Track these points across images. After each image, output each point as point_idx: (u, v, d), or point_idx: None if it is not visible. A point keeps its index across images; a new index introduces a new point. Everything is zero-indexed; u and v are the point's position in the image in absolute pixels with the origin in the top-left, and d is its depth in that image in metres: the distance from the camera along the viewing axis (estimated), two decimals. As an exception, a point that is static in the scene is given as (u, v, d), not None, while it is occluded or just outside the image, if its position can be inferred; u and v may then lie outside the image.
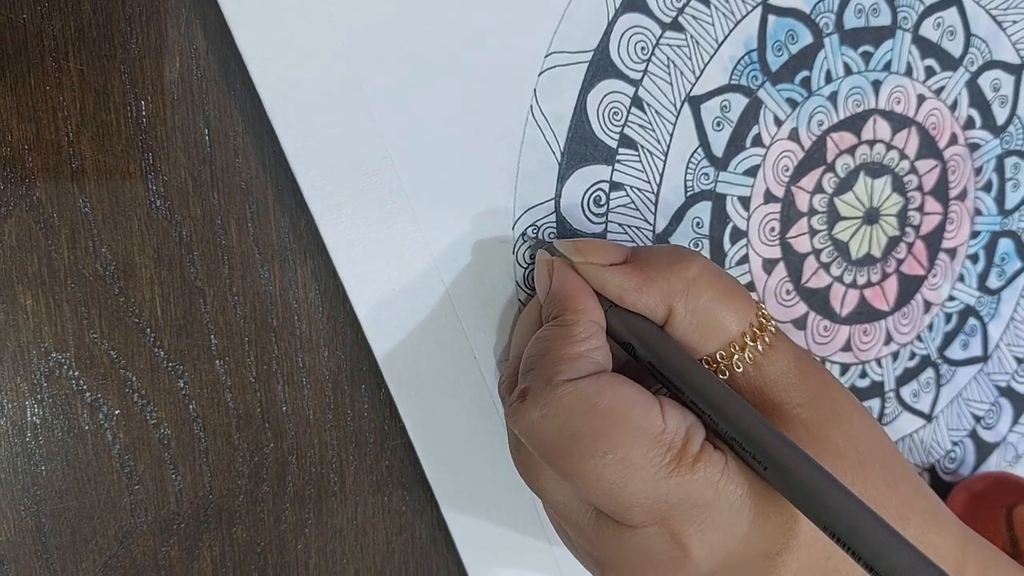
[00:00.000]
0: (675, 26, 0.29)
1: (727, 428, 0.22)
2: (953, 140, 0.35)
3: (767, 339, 0.24)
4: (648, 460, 0.21)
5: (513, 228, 0.28)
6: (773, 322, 0.25)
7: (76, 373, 0.24)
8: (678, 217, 0.30)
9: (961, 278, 0.37)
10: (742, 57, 0.30)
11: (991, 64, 0.35)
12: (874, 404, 0.36)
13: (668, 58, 0.29)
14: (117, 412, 0.25)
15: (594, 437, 0.21)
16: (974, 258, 0.37)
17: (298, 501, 0.28)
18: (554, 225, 0.28)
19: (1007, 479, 0.37)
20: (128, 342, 0.25)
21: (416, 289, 0.27)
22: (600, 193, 0.29)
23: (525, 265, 0.28)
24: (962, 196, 0.36)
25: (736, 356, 0.24)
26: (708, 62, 0.30)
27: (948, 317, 0.37)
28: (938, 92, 0.34)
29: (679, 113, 0.30)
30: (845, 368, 0.35)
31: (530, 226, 0.28)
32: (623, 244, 0.26)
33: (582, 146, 0.28)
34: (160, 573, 0.26)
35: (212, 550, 0.27)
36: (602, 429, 0.21)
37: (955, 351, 0.38)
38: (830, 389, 0.25)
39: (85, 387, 0.25)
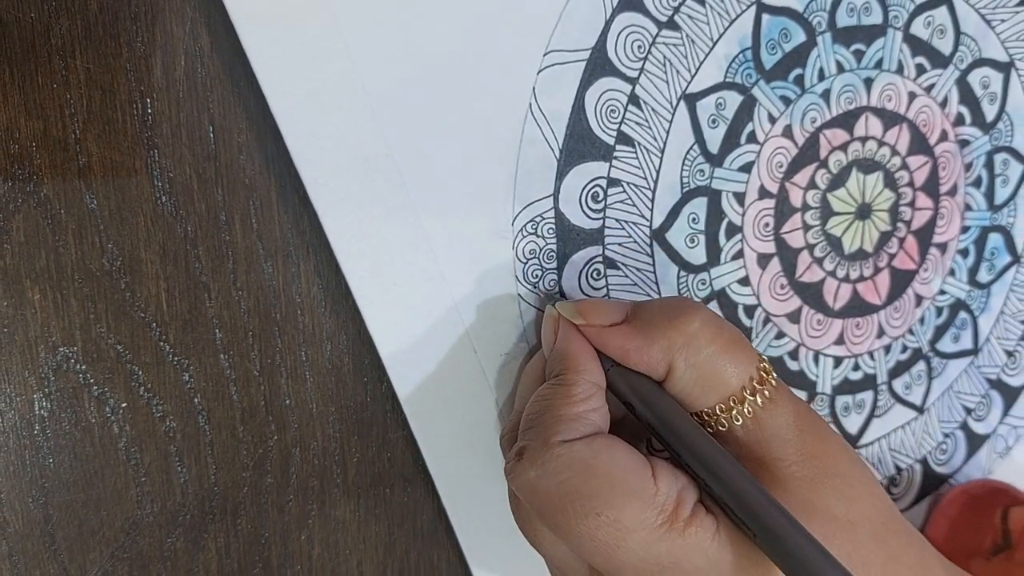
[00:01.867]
0: (671, 25, 0.29)
1: (720, 492, 0.23)
2: (943, 137, 0.36)
3: (767, 393, 0.24)
4: (640, 522, 0.22)
5: (513, 224, 0.28)
6: (774, 375, 0.25)
7: (83, 367, 0.25)
8: (674, 213, 0.31)
9: (952, 272, 0.38)
10: (737, 55, 0.31)
11: (980, 62, 0.36)
12: (867, 397, 0.37)
13: (664, 56, 0.29)
14: (124, 405, 0.25)
15: (588, 498, 0.22)
16: (964, 253, 0.38)
17: (301, 493, 0.28)
18: (553, 221, 0.29)
19: (1005, 488, 0.38)
20: (134, 336, 0.25)
21: (418, 284, 0.27)
22: (598, 189, 0.29)
23: (524, 260, 0.29)
24: (952, 192, 0.37)
25: (735, 409, 0.24)
26: (703, 60, 0.30)
27: (939, 311, 0.38)
28: (928, 89, 0.35)
29: (675, 110, 0.30)
30: (838, 361, 0.36)
31: (529, 222, 0.29)
32: (624, 301, 0.27)
33: (580, 143, 0.29)
34: (166, 564, 0.27)
35: (217, 541, 0.27)
36: (596, 490, 0.22)
37: (946, 344, 0.38)
38: (828, 446, 0.25)
39: (92, 381, 0.25)
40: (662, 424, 0.24)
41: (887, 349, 0.37)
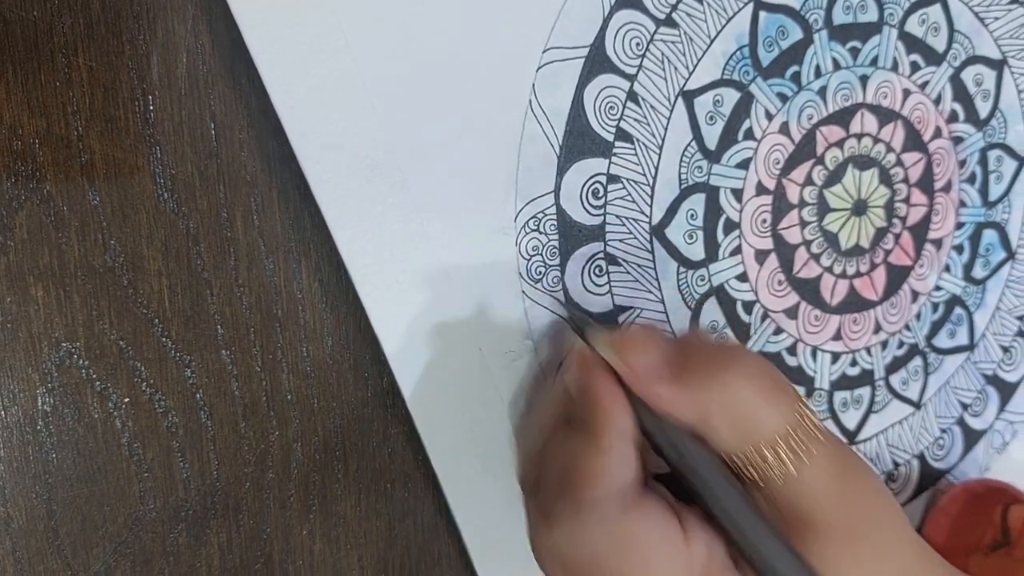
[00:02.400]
0: (669, 22, 0.29)
1: (750, 555, 0.22)
2: (938, 133, 0.36)
3: (804, 439, 0.23)
4: None
5: (515, 220, 0.29)
6: (816, 420, 0.24)
7: (86, 363, 0.25)
8: (673, 209, 0.31)
9: (947, 268, 0.38)
10: (734, 52, 0.31)
11: (974, 59, 0.36)
12: (864, 392, 0.37)
13: (662, 53, 0.30)
14: (126, 401, 0.25)
15: (619, 568, 0.22)
16: (959, 248, 0.38)
17: (303, 488, 0.28)
18: (554, 217, 0.29)
19: (1006, 487, 0.39)
20: (137, 332, 0.25)
21: (420, 280, 0.28)
22: (598, 186, 0.30)
23: (528, 257, 0.29)
24: (947, 188, 0.37)
25: (771, 458, 0.23)
26: (701, 57, 0.30)
27: (935, 306, 0.38)
28: (923, 87, 0.35)
29: (673, 107, 0.30)
30: (836, 357, 0.36)
31: (531, 218, 0.29)
32: (662, 336, 0.24)
33: (580, 140, 0.29)
34: (168, 559, 0.27)
35: (219, 536, 0.28)
36: (629, 565, 0.22)
37: (942, 340, 0.38)
38: (867, 498, 0.24)
39: (95, 376, 0.25)
40: (692, 474, 0.23)
41: (884, 345, 0.37)
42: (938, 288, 0.38)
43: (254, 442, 0.27)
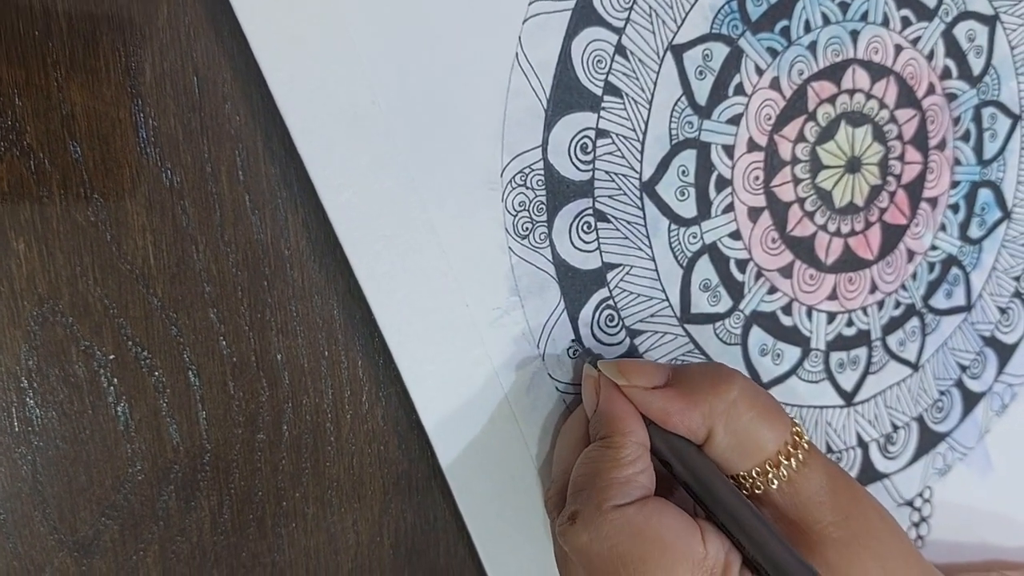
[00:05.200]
0: (656, -27, 0.29)
1: (758, 557, 0.24)
2: (931, 90, 0.36)
3: (800, 456, 0.26)
4: None
5: (501, 174, 0.28)
6: (807, 438, 0.26)
7: (70, 320, 0.24)
8: (664, 165, 0.31)
9: (943, 227, 0.38)
10: (722, 6, 0.31)
11: (965, 15, 0.36)
12: (861, 353, 0.37)
13: (650, 7, 0.29)
14: (112, 359, 0.25)
15: (641, 561, 0.23)
16: (955, 208, 0.38)
17: (295, 450, 0.28)
18: (542, 172, 0.29)
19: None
20: (122, 289, 0.25)
21: (407, 236, 0.27)
22: (586, 140, 0.29)
23: (514, 212, 0.29)
24: (941, 146, 0.37)
25: (771, 473, 0.25)
26: (689, 11, 0.30)
27: (931, 266, 0.38)
28: (915, 42, 0.35)
29: (662, 61, 0.30)
30: (832, 317, 0.36)
31: (518, 173, 0.28)
32: (663, 364, 0.28)
33: (567, 93, 0.29)
34: (159, 523, 0.27)
35: (210, 499, 0.27)
36: (649, 554, 0.23)
37: (939, 300, 0.38)
38: (861, 506, 0.26)
39: (79, 334, 0.25)
40: (701, 487, 0.25)
41: (880, 305, 0.37)
42: (934, 248, 0.37)
43: (244, 402, 0.27)
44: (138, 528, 0.26)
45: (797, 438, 0.26)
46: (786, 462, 0.25)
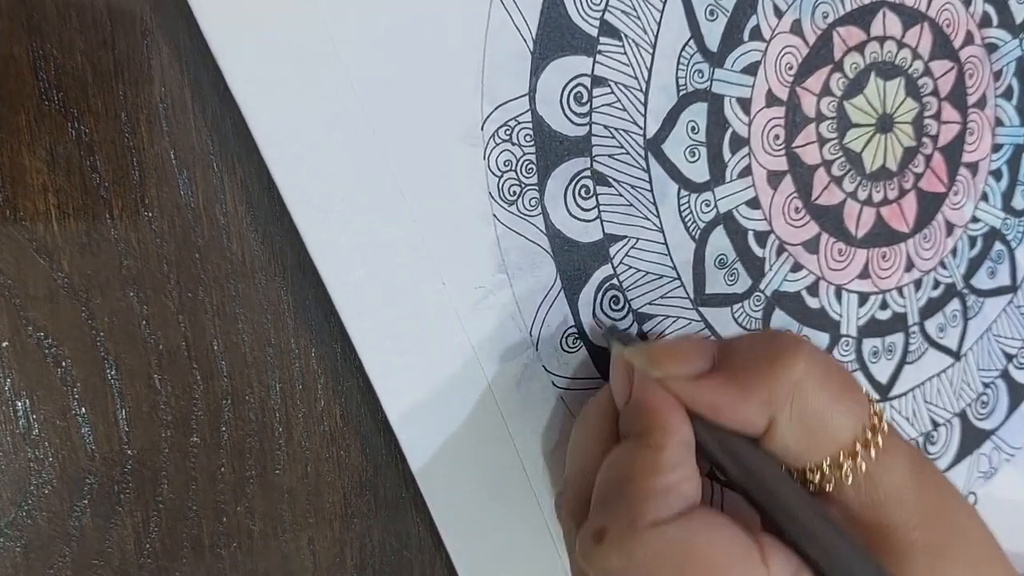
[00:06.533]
0: None
1: (834, 573, 0.19)
2: (969, 39, 0.32)
3: (881, 443, 0.21)
4: None
5: (482, 128, 0.24)
6: (887, 421, 0.21)
7: (-48, 299, 0.20)
8: (671, 120, 0.27)
9: (984, 197, 0.33)
10: (735, -65, 0.26)
11: (1008, -46, 0.32)
12: (897, 340, 0.32)
13: (651, -68, 0.25)
14: (4, 344, 0.21)
15: None
16: (997, 175, 0.33)
17: (236, 456, 0.24)
18: (530, 126, 0.24)
19: None
20: (20, 263, 0.21)
21: (370, 200, 0.23)
22: (581, 89, 0.25)
23: (499, 173, 0.24)
24: (981, 104, 0.32)
25: (847, 465, 0.21)
26: (697, -60, 0.26)
27: (972, 241, 0.33)
28: (952, -16, 0.31)
29: (666, -2, 0.26)
30: (864, 298, 0.31)
31: (502, 126, 0.24)
32: (707, 340, 0.22)
33: (557, 33, 0.24)
34: (71, 544, 0.22)
35: (134, 515, 0.23)
36: None
37: (981, 279, 0.34)
38: (947, 500, 0.22)
39: (-35, 316, 0.20)
40: (763, 492, 0.20)
41: (918, 284, 0.32)
42: (975, 220, 0.33)
43: (172, 399, 0.23)
44: (46, 551, 0.22)
45: (877, 420, 0.21)
46: (864, 451, 0.20)
